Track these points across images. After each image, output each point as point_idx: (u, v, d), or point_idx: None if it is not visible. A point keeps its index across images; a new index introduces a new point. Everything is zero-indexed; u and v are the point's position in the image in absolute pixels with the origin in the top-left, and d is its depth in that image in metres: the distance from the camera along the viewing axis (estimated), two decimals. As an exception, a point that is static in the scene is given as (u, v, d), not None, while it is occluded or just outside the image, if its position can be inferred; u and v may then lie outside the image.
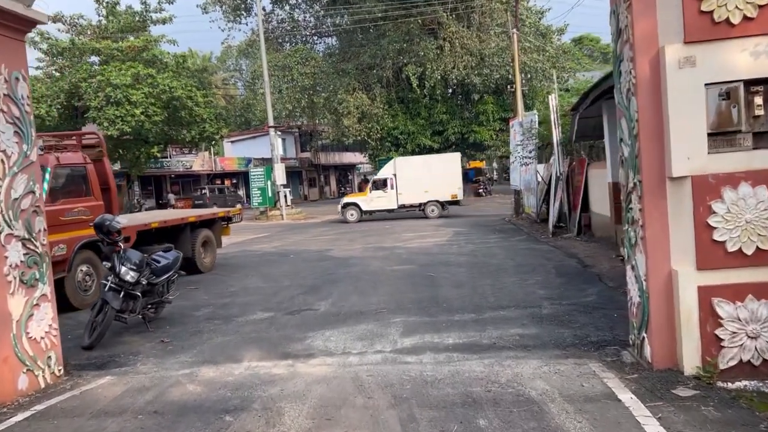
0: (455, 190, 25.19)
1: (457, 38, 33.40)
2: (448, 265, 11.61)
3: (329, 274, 11.46)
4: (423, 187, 24.93)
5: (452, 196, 25.12)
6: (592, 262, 10.95)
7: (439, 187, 24.97)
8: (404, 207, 25.52)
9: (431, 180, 24.86)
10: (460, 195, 25.37)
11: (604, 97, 12.13)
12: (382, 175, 26.03)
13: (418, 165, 25.95)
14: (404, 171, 25.44)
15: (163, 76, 29.78)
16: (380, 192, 25.39)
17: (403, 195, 25.29)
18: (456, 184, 25.22)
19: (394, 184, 25.33)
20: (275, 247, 17.14)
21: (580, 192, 15.02)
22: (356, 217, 25.27)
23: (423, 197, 25.18)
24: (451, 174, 25.16)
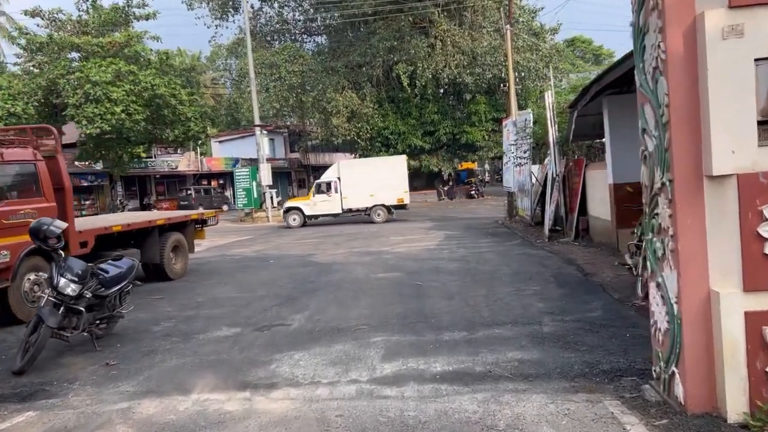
0: (402, 193, 24.34)
1: (449, 36, 32.61)
2: (438, 272, 10.73)
3: (309, 282, 10.54)
4: (368, 191, 24.13)
5: (398, 200, 24.31)
6: (593, 269, 10.10)
7: (385, 190, 24.18)
8: (350, 211, 24.66)
9: (377, 183, 24.06)
10: (407, 199, 24.55)
11: (605, 93, 11.34)
12: (325, 178, 25.16)
13: (363, 168, 25.19)
14: (349, 174, 24.63)
15: (146, 73, 28.75)
16: (324, 196, 24.48)
17: (348, 199, 24.43)
18: (402, 187, 24.34)
19: (338, 188, 24.47)
20: (256, 251, 16.20)
21: (577, 194, 14.19)
22: (299, 222, 24.31)
23: (368, 201, 24.34)
24: (397, 177, 24.29)
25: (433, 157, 36.55)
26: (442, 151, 37.12)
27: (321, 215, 24.84)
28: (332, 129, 33.69)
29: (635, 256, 8.30)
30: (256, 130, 29.13)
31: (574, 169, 14.78)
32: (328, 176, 25.12)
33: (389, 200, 24.37)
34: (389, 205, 24.40)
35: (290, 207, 25.01)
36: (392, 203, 24.40)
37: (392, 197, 24.34)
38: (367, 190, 24.14)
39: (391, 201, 24.38)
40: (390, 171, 24.47)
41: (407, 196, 24.56)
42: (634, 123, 11.20)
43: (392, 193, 24.30)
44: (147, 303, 9.39)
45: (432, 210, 30.10)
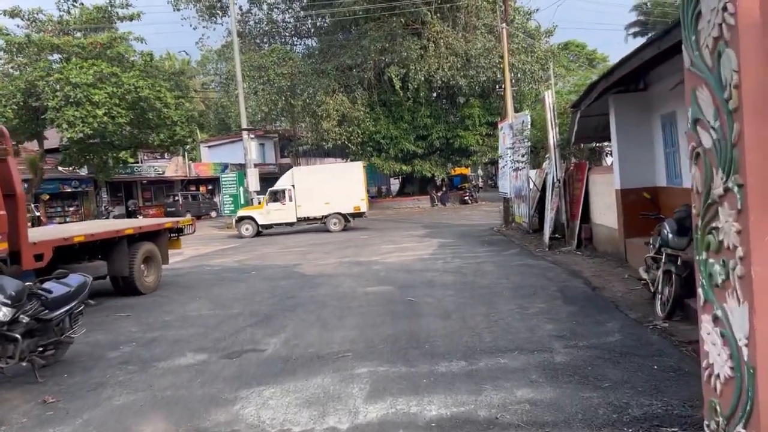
0: (358, 201, 23.34)
1: (442, 38, 31.83)
2: (432, 286, 9.84)
3: (290, 297, 9.63)
4: (324, 199, 23.15)
5: (355, 208, 23.32)
6: (602, 283, 9.24)
7: (341, 198, 23.24)
8: (305, 220, 23.69)
9: (333, 191, 23.11)
10: (364, 207, 23.54)
11: (611, 92, 10.51)
12: (279, 186, 24.12)
13: (318, 175, 24.32)
14: (303, 182, 23.59)
15: (129, 75, 27.78)
16: (278, 204, 23.42)
17: (303, 207, 23.40)
18: (359, 195, 23.36)
19: (292, 196, 23.46)
20: (238, 261, 15.26)
21: (579, 200, 13.35)
22: (252, 232, 23.21)
23: (324, 209, 23.34)
24: (353, 184, 23.33)
25: (426, 162, 35.69)
26: (435, 156, 36.27)
27: (275, 224, 23.82)
28: (322, 133, 32.79)
29: (652, 270, 7.45)
30: (243, 134, 28.21)
31: (576, 173, 13.95)
32: (282, 184, 24.10)
33: (345, 208, 23.37)
34: (345, 213, 23.43)
35: (243, 216, 23.90)
36: (349, 211, 23.40)
37: (348, 205, 23.34)
38: (323, 198, 23.15)
39: (347, 209, 23.37)
40: (346, 178, 23.56)
41: (364, 204, 23.54)
42: (644, 123, 10.36)
43: (348, 201, 23.31)
44: (110, 322, 8.46)
45: (425, 216, 29.24)
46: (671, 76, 9.23)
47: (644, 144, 10.68)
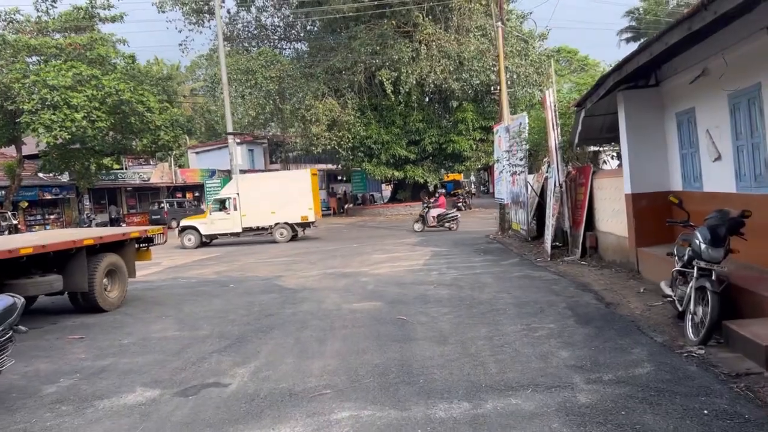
0: (306, 210, 22.23)
1: (434, 41, 30.97)
2: (426, 302, 8.85)
3: (268, 315, 8.60)
4: (270, 208, 22.15)
5: (303, 217, 22.24)
6: (615, 297, 8.29)
7: (287, 207, 22.20)
8: (250, 230, 22.60)
9: (279, 200, 22.12)
10: (312, 217, 22.36)
11: (620, 88, 9.62)
12: (224, 194, 23.11)
13: (264, 184, 23.28)
14: (248, 190, 22.59)
15: (110, 78, 26.73)
16: (222, 214, 22.35)
17: (248, 217, 22.34)
18: (306, 204, 22.23)
19: (237, 205, 22.42)
20: (217, 272, 14.21)
21: (584, 206, 12.42)
22: (194, 243, 22.12)
23: (270, 219, 22.31)
24: (301, 193, 22.25)
25: (419, 167, 34.77)
26: (427, 162, 35.36)
27: (219, 234, 22.78)
28: (311, 138, 31.80)
29: (679, 286, 6.50)
30: (229, 138, 27.14)
31: (579, 177, 13.03)
32: (227, 192, 23.08)
33: (292, 218, 22.29)
34: (293, 223, 22.37)
35: (185, 226, 22.77)
36: (296, 221, 22.33)
37: (296, 215, 22.25)
38: (269, 207, 22.15)
39: (294, 219, 22.29)
40: (293, 186, 22.44)
41: (312, 213, 22.34)
42: (656, 122, 9.38)
43: (296, 211, 22.24)
44: (59, 346, 7.41)
45: (417, 223, 28.24)
46: (688, 69, 8.35)
47: (657, 145, 9.77)
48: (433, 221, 22.80)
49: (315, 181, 23.68)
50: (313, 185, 23.06)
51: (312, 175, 23.18)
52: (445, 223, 22.78)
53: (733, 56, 6.88)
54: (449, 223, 22.79)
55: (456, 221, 22.95)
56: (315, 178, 23.79)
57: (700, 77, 7.91)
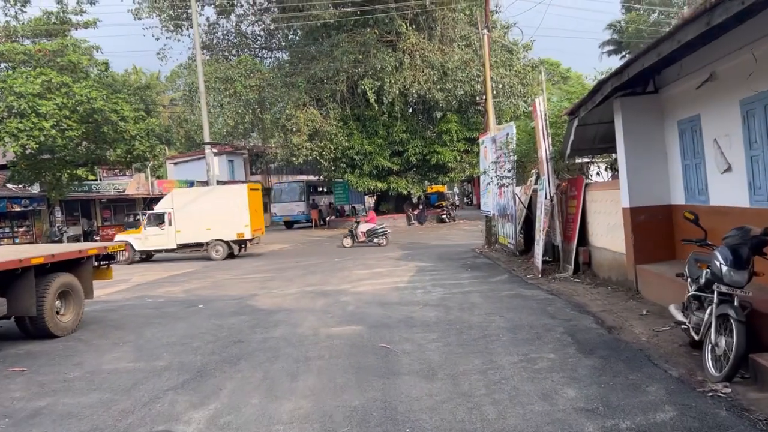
0: (242, 228, 21.36)
1: (418, 50, 30.43)
2: (411, 325, 8.09)
3: (237, 342, 7.78)
4: (205, 224, 21.32)
5: (238, 234, 21.36)
6: (616, 321, 7.60)
7: (223, 224, 21.33)
8: (186, 246, 21.76)
9: (214, 216, 21.30)
10: (248, 234, 21.39)
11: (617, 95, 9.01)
12: (158, 209, 22.34)
13: (199, 198, 22.40)
14: (183, 205, 21.80)
15: (81, 86, 25.73)
16: (156, 229, 21.53)
17: (183, 233, 21.52)
18: (242, 221, 21.34)
19: (171, 220, 21.60)
20: (187, 290, 13.32)
21: (576, 220, 11.79)
22: (128, 258, 21.14)
23: (205, 235, 21.46)
24: (236, 209, 21.38)
25: (402, 178, 34.09)
26: (411, 173, 34.71)
27: (154, 251, 22.01)
28: (292, 148, 31.00)
29: (694, 312, 5.82)
30: (206, 148, 26.24)
31: (570, 189, 12.41)
32: (162, 207, 22.26)
33: (228, 235, 21.36)
34: (229, 240, 21.48)
35: (120, 241, 21.54)
36: (232, 238, 21.43)
37: (231, 232, 21.32)
38: (204, 223, 21.32)
39: (230, 236, 21.35)
40: (229, 202, 21.55)
41: (248, 231, 21.28)
42: (656, 131, 8.73)
43: (232, 227, 21.35)
44: (-5, 381, 6.52)
45: (401, 236, 27.51)
46: (693, 73, 7.75)
47: (657, 155, 9.16)
48: (362, 237, 22.38)
49: (256, 197, 22.78)
50: (253, 201, 22.14)
51: (251, 191, 22.31)
52: (374, 239, 22.33)
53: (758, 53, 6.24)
54: (378, 239, 22.35)
55: (386, 236, 22.54)
56: (256, 194, 22.89)
57: (708, 82, 7.30)
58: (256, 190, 23.30)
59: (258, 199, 23.17)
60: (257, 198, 23.04)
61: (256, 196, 22.78)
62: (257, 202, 22.90)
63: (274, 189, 44.42)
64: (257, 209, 22.67)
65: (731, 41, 6.36)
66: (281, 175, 52.62)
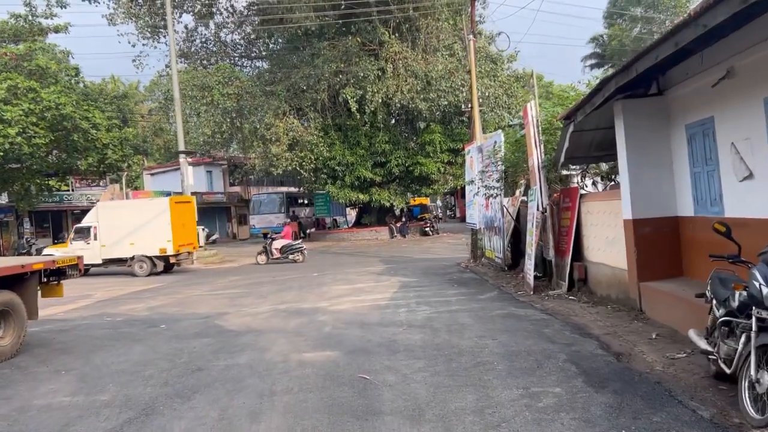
0: (164, 243, 20.43)
1: (401, 59, 29.75)
2: (394, 350, 7.19)
3: (195, 370, 6.82)
4: (129, 239, 20.54)
5: (161, 250, 20.47)
6: (624, 346, 6.79)
7: (146, 238, 20.50)
8: (111, 261, 20.93)
9: (138, 230, 20.52)
10: (170, 250, 20.49)
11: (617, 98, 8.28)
12: (85, 222, 21.55)
13: (123, 212, 21.68)
14: (108, 218, 21.01)
15: (49, 91, 24.61)
16: (82, 243, 20.70)
17: (108, 247, 20.74)
18: (165, 236, 20.43)
19: (97, 234, 20.85)
20: (151, 308, 12.28)
21: (570, 233, 11.02)
22: None
23: (129, 250, 20.60)
24: (159, 223, 20.49)
25: (385, 190, 33.23)
26: (393, 185, 33.87)
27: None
28: (271, 158, 30.05)
29: (724, 340, 5.00)
30: (180, 157, 25.22)
31: (564, 200, 11.66)
32: (88, 220, 21.47)
33: (151, 250, 20.48)
34: (151, 255, 20.55)
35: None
36: (154, 254, 20.47)
37: (154, 247, 20.43)
38: (128, 238, 20.52)
39: (152, 251, 20.46)
40: (151, 216, 20.72)
41: (170, 247, 20.40)
42: (661, 136, 7.91)
43: (154, 242, 20.43)
44: None
45: (383, 249, 26.68)
46: (706, 71, 7.03)
47: (662, 162, 8.43)
48: (276, 253, 21.59)
49: (186, 210, 21.77)
50: (181, 215, 21.17)
51: (177, 204, 21.34)
52: (289, 255, 21.55)
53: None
54: (294, 255, 21.57)
55: (302, 253, 21.74)
56: (185, 207, 21.86)
57: (724, 80, 6.58)
58: (185, 203, 22.31)
59: (188, 212, 22.09)
60: (187, 211, 21.97)
61: (185, 210, 21.76)
62: (187, 216, 21.85)
63: (252, 200, 43.37)
64: (186, 223, 21.61)
65: (755, 31, 5.65)
66: (262, 187, 51.57)
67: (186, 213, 21.68)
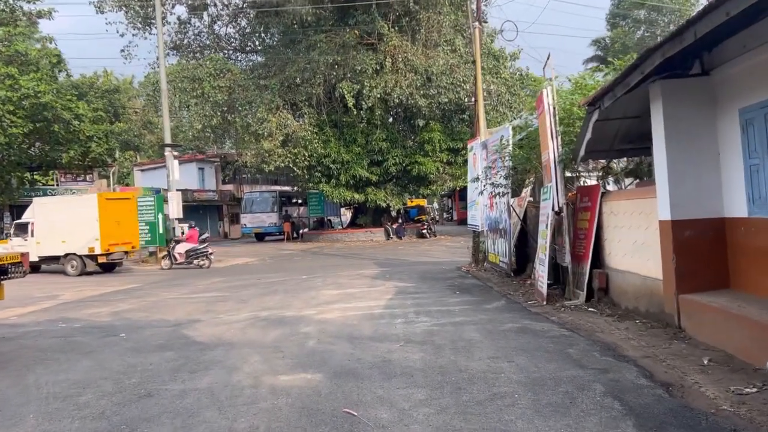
0: (93, 242, 19.52)
1: (400, 53, 28.46)
2: (389, 375, 5.90)
3: (142, 397, 5.51)
4: (61, 236, 19.57)
5: (89, 249, 19.51)
6: (671, 374, 5.53)
7: (76, 237, 19.60)
8: (46, 259, 19.96)
9: (70, 228, 19.55)
10: (98, 249, 19.53)
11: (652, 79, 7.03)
12: (24, 218, 20.67)
13: (56, 208, 20.55)
14: (43, 215, 20.09)
15: (27, 78, 23.30)
16: (21, 240, 19.83)
17: (42, 244, 19.79)
18: (92, 234, 19.51)
19: (33, 231, 19.99)
20: (116, 313, 10.95)
21: (589, 236, 9.75)
22: None
23: (61, 248, 19.69)
24: (87, 222, 19.52)
25: (381, 190, 31.91)
26: (390, 185, 32.57)
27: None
28: (263, 154, 28.73)
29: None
30: (166, 151, 23.89)
31: (582, 200, 10.40)
32: (27, 216, 20.61)
33: (81, 249, 19.67)
34: (81, 254, 19.62)
35: None
36: (84, 253, 19.64)
37: (83, 246, 19.62)
38: (60, 236, 19.60)
39: (82, 250, 19.65)
40: (80, 213, 19.78)
41: (98, 245, 19.52)
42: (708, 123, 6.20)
43: (84, 241, 19.61)
44: None
45: (379, 251, 25.40)
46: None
47: (708, 155, 7.17)
48: (180, 258, 20.38)
49: (121, 208, 20.78)
50: (114, 212, 20.17)
51: (108, 201, 20.42)
52: (194, 260, 20.33)
53: None
54: (198, 260, 20.34)
55: (208, 258, 20.48)
56: (120, 205, 20.93)
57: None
58: (123, 199, 21.43)
59: (126, 210, 21.04)
60: (125, 209, 20.93)
61: (121, 207, 20.79)
62: (124, 214, 20.78)
63: (244, 198, 42.04)
64: (123, 221, 20.55)
65: None
66: (255, 185, 50.26)
67: (123, 211, 20.72)
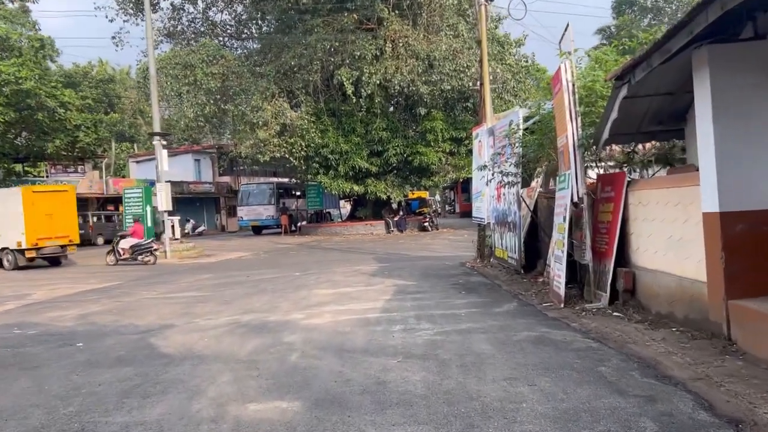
0: (20, 236, 18.85)
1: (401, 38, 27.27)
2: (383, 405, 4.77)
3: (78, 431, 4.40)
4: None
5: (17, 244, 18.84)
6: (733, 403, 4.43)
7: (7, 231, 18.93)
8: None
9: (2, 221, 19.01)
10: (25, 243, 18.87)
11: (695, 45, 5.88)
12: None
13: None
14: None
15: (8, 63, 22.15)
16: None
17: None
18: (18, 228, 18.84)
19: None
20: (82, 316, 9.83)
21: (613, 231, 8.60)
22: None
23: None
24: (13, 216, 18.88)
25: (381, 181, 30.78)
26: (391, 176, 31.43)
27: None
28: (258, 144, 27.59)
29: None
30: (155, 140, 22.75)
31: (603, 189, 9.24)
32: None
33: (12, 243, 19.10)
34: (13, 249, 19.00)
35: None
36: (14, 247, 18.97)
37: (12, 240, 18.99)
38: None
39: (12, 245, 19.08)
40: (7, 207, 19.16)
41: (25, 240, 18.87)
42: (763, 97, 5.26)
43: (13, 236, 18.91)
44: None
45: (378, 245, 24.29)
46: None
47: (765, 135, 6.02)
48: (125, 253, 19.42)
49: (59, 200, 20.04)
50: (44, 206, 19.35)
51: (37, 194, 19.65)
52: (138, 256, 19.36)
53: None
54: (143, 256, 19.37)
55: (152, 254, 19.56)
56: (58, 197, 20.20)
57: None
58: (57, 192, 20.74)
59: (60, 203, 20.19)
60: (58, 202, 20.08)
61: (53, 200, 19.98)
62: (58, 207, 19.93)
63: (240, 191, 40.93)
64: (57, 215, 19.70)
65: None
66: (254, 177, 49.15)
67: (55, 204, 19.87)
